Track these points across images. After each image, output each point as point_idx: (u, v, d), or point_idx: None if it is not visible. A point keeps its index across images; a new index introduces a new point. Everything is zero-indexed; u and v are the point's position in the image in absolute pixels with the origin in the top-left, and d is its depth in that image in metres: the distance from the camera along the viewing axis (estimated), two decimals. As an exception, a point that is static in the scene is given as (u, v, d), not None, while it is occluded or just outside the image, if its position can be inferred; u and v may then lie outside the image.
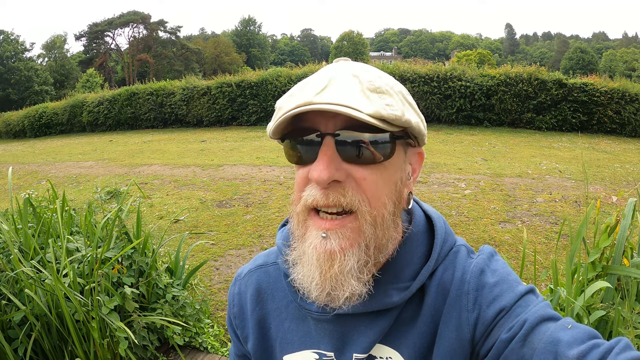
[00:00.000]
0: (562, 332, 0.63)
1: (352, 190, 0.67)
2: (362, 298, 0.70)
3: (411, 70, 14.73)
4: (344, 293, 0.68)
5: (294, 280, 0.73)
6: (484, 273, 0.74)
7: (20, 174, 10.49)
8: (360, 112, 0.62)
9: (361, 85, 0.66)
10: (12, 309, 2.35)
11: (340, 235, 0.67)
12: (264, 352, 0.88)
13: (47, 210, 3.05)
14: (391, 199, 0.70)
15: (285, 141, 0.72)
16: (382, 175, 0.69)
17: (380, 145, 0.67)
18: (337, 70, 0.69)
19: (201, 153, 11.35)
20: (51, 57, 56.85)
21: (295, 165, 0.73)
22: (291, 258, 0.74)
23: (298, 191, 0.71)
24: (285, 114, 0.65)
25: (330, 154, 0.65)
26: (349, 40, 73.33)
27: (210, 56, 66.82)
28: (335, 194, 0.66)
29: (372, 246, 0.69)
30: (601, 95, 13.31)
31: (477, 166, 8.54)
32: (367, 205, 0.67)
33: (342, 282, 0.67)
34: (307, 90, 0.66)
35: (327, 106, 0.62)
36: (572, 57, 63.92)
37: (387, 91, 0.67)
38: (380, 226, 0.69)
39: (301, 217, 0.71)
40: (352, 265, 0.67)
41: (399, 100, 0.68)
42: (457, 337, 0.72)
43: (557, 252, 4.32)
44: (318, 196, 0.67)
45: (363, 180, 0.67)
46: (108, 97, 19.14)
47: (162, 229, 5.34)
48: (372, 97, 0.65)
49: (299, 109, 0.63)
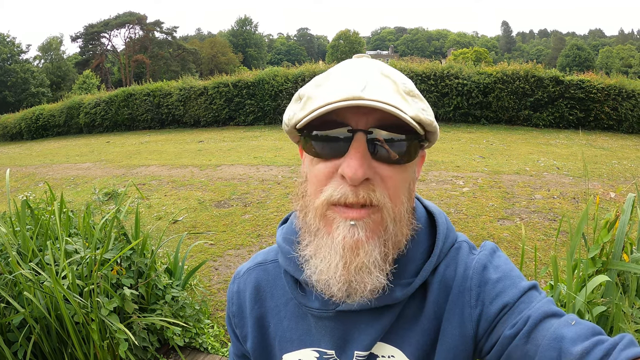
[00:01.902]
0: (566, 329, 0.63)
1: (380, 188, 0.67)
2: (383, 291, 0.70)
3: (408, 68, 14.72)
4: (368, 285, 0.68)
5: (309, 276, 0.72)
6: (487, 269, 0.74)
7: (17, 176, 10.45)
8: (405, 114, 0.63)
9: (396, 86, 0.67)
10: (11, 312, 2.34)
11: (366, 225, 0.67)
12: (263, 351, 0.87)
13: (45, 212, 3.03)
14: (407, 197, 0.72)
15: (308, 133, 0.70)
16: (402, 175, 0.70)
17: (408, 147, 0.68)
18: (366, 67, 0.70)
19: (199, 153, 11.34)
20: (47, 59, 56.66)
21: (313, 158, 0.71)
22: (304, 253, 0.73)
23: (318, 185, 0.69)
24: (328, 105, 0.63)
25: (363, 151, 0.65)
26: (345, 39, 73.46)
27: (206, 56, 66.77)
28: (366, 190, 0.66)
29: (390, 242, 0.69)
30: (598, 92, 13.33)
31: (475, 164, 8.55)
32: (391, 202, 0.68)
33: (368, 273, 0.67)
34: (348, 85, 0.65)
35: (377, 104, 0.62)
36: (569, 54, 64.06)
37: (419, 95, 0.70)
38: (399, 223, 0.70)
39: (319, 210, 0.69)
40: (377, 255, 0.67)
41: (428, 107, 0.71)
42: (460, 333, 0.72)
43: (557, 249, 4.33)
44: (348, 193, 0.66)
45: (389, 178, 0.68)
46: (105, 98, 19.07)
47: (160, 229, 5.33)
48: (409, 100, 0.67)
49: (346, 102, 0.62)
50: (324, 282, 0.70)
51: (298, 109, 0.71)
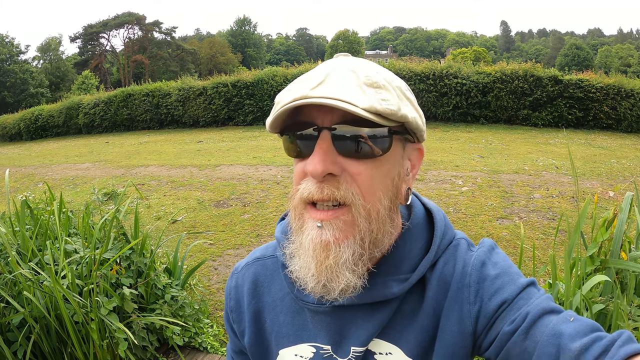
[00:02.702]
0: (565, 325, 0.63)
1: (347, 184, 0.67)
2: (356, 291, 0.70)
3: (407, 68, 14.71)
4: (339, 285, 0.68)
5: (292, 272, 0.73)
6: (485, 265, 0.74)
7: (16, 176, 10.44)
8: (354, 106, 0.62)
9: (358, 79, 0.66)
10: (10, 312, 2.34)
11: (334, 226, 0.67)
12: (259, 346, 0.87)
13: (44, 212, 3.04)
14: (387, 194, 0.70)
15: (284, 135, 0.72)
16: (379, 170, 0.69)
17: (377, 140, 0.67)
18: (335, 65, 0.69)
19: (198, 153, 11.33)
20: (46, 60, 56.61)
21: (294, 159, 0.73)
22: (288, 251, 0.74)
23: (295, 184, 0.71)
24: (281, 107, 0.65)
25: (326, 148, 0.65)
26: (344, 39, 73.49)
27: (205, 56, 66.73)
28: (330, 187, 0.66)
29: (367, 240, 0.69)
30: (597, 91, 13.33)
31: (474, 163, 8.56)
32: (362, 199, 0.67)
33: (337, 274, 0.67)
34: (304, 85, 0.66)
35: (322, 100, 0.62)
36: (568, 53, 64.11)
37: (384, 86, 0.67)
38: (375, 220, 0.69)
39: (298, 210, 0.71)
40: (347, 257, 0.67)
41: (395, 95, 0.68)
42: (459, 330, 0.72)
43: (555, 248, 4.34)
44: (313, 189, 0.67)
45: (358, 174, 0.67)
46: (104, 98, 19.05)
47: (160, 229, 5.32)
48: (368, 92, 0.65)
49: (294, 102, 0.63)
50: (302, 280, 0.71)
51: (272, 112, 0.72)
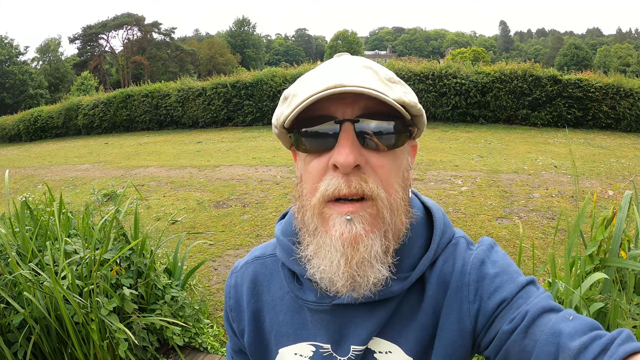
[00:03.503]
0: (564, 324, 0.63)
1: (371, 177, 0.67)
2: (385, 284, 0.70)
3: (406, 68, 14.70)
4: (370, 278, 0.68)
5: (314, 275, 0.72)
6: (485, 264, 0.74)
7: (16, 177, 10.43)
8: (387, 97, 0.64)
9: (377, 75, 0.68)
10: (10, 312, 2.34)
11: (362, 218, 0.67)
12: (259, 345, 0.87)
13: (44, 213, 3.04)
14: (401, 186, 0.71)
15: (297, 131, 0.71)
16: (395, 163, 0.70)
17: (396, 133, 0.68)
18: (346, 62, 0.71)
19: (197, 154, 11.33)
20: (45, 61, 56.60)
21: (306, 157, 0.72)
22: (306, 254, 0.73)
23: (313, 182, 0.70)
24: (312, 96, 0.64)
25: (352, 139, 0.65)
26: (343, 40, 73.54)
27: (204, 57, 66.71)
28: (358, 180, 0.66)
29: (391, 232, 0.69)
30: (596, 90, 13.32)
31: (473, 163, 8.56)
32: (384, 191, 0.67)
33: (370, 267, 0.67)
34: (330, 76, 0.66)
35: (360, 89, 0.62)
36: (567, 53, 64.11)
37: (400, 82, 0.71)
38: (396, 212, 0.69)
39: (316, 209, 0.69)
40: (377, 249, 0.67)
41: (411, 91, 0.71)
42: (458, 329, 0.72)
43: (555, 247, 4.34)
44: (341, 184, 0.66)
45: (380, 167, 0.68)
46: (103, 99, 19.02)
47: (159, 230, 5.32)
48: (391, 86, 0.67)
49: (329, 90, 0.63)
50: (327, 280, 0.70)
51: (285, 107, 0.71)
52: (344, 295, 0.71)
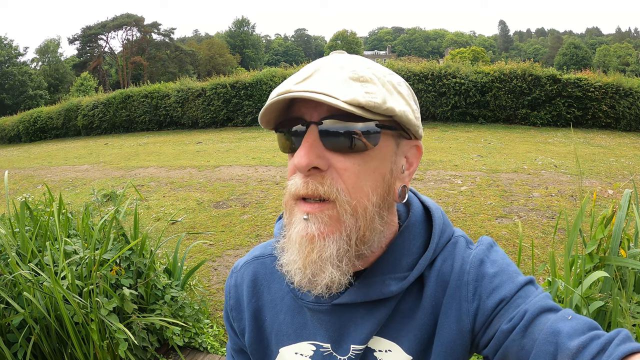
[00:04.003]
0: (563, 323, 0.63)
1: (332, 179, 0.66)
2: (341, 287, 0.69)
3: (405, 68, 14.72)
4: (323, 279, 0.67)
5: (282, 266, 0.73)
6: (484, 263, 0.74)
7: (16, 178, 10.44)
8: (335, 99, 0.61)
9: (344, 74, 0.65)
10: (10, 313, 2.34)
11: (319, 220, 0.66)
12: (259, 344, 0.87)
13: (44, 214, 3.04)
14: (376, 190, 0.69)
15: (278, 132, 0.73)
16: (366, 166, 0.67)
17: (363, 135, 0.66)
18: (325, 61, 0.70)
19: (197, 154, 11.33)
20: (45, 61, 56.60)
21: (289, 155, 0.74)
22: (279, 245, 0.74)
23: (288, 180, 0.72)
24: (268, 102, 0.66)
25: (312, 142, 0.65)
26: (342, 40, 73.61)
27: (204, 58, 66.74)
28: (314, 182, 0.66)
29: (354, 237, 0.67)
30: (595, 90, 13.34)
31: (473, 163, 8.56)
32: (347, 195, 0.66)
33: (322, 268, 0.67)
34: (291, 80, 0.67)
35: (303, 94, 0.62)
36: (566, 52, 64.13)
37: (371, 79, 0.66)
38: (362, 217, 0.67)
39: (289, 205, 0.71)
40: (332, 252, 0.66)
41: (383, 89, 0.66)
42: (457, 328, 0.72)
43: (554, 246, 4.34)
44: (299, 184, 0.67)
45: (344, 170, 0.66)
46: (103, 100, 19.05)
47: (159, 230, 5.32)
48: (352, 85, 0.64)
49: (277, 97, 0.64)
50: (290, 274, 0.71)
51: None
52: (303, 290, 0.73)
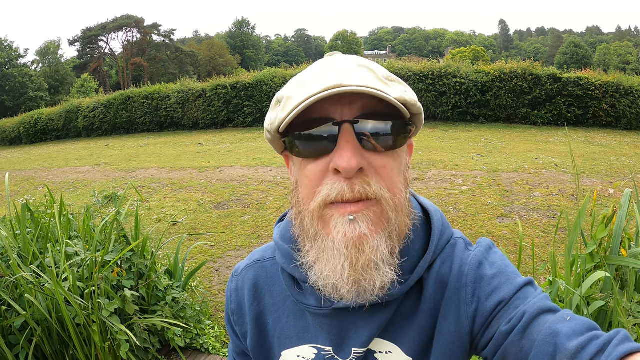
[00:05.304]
0: (561, 324, 0.63)
1: (374, 179, 0.65)
2: (392, 287, 0.69)
3: (406, 68, 14.72)
4: (377, 282, 0.66)
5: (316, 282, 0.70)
6: (482, 265, 0.74)
7: (17, 180, 10.44)
8: (388, 95, 0.62)
9: (375, 74, 0.66)
10: (12, 315, 2.34)
11: (367, 217, 0.64)
12: (262, 347, 0.87)
13: (45, 215, 3.04)
14: (403, 185, 0.70)
15: (292, 134, 0.68)
16: (396, 163, 0.69)
17: (396, 133, 0.67)
18: (341, 61, 0.69)
19: (198, 155, 11.33)
20: (45, 63, 56.64)
21: (302, 161, 0.69)
22: (307, 260, 0.71)
23: (312, 187, 0.67)
24: (310, 97, 0.62)
25: (353, 141, 0.63)
26: (343, 40, 73.61)
27: (204, 58, 66.72)
28: (361, 183, 0.64)
29: (395, 233, 0.68)
30: (596, 89, 13.34)
31: (473, 162, 8.56)
32: (389, 191, 0.66)
33: (376, 269, 0.65)
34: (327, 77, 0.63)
35: (361, 88, 0.61)
36: (566, 51, 64.02)
37: (398, 80, 0.69)
38: (401, 212, 0.68)
39: (315, 214, 0.67)
40: (384, 250, 0.65)
41: (409, 89, 0.70)
42: (456, 329, 0.72)
43: (555, 246, 4.34)
44: (345, 188, 0.63)
45: (382, 168, 0.66)
46: (103, 101, 19.05)
47: (160, 231, 5.32)
48: (390, 84, 0.66)
49: (329, 91, 0.60)
50: (331, 286, 0.68)
51: (279, 111, 0.69)
52: (349, 301, 0.69)
